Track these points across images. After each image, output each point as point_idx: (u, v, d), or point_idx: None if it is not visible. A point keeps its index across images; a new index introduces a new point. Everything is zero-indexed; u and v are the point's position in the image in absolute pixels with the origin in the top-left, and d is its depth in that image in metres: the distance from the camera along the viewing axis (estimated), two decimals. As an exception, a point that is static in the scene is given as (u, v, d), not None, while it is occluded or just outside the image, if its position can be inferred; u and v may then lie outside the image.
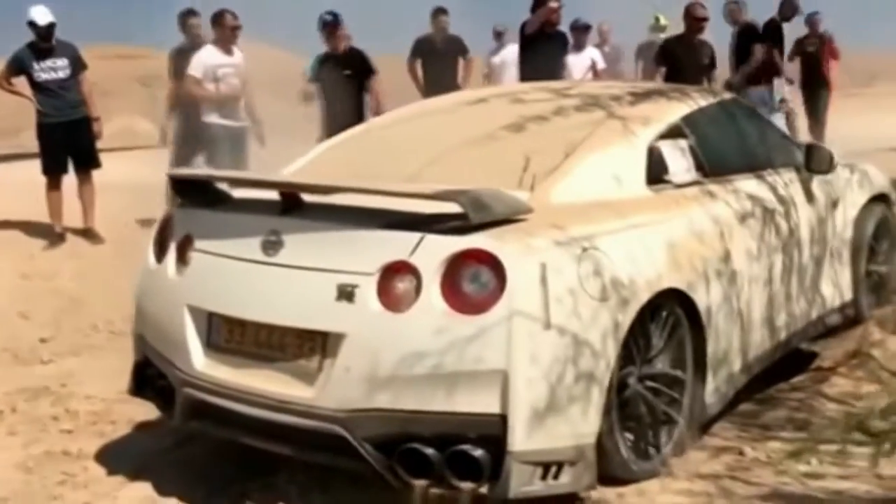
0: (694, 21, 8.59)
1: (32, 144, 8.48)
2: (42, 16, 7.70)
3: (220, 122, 7.97)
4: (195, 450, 4.13)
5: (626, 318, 3.37)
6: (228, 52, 8.09)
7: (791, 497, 3.47)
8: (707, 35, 8.88)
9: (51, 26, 7.73)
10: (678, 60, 8.50)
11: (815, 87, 11.39)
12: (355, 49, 8.80)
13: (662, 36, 10.77)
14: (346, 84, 8.31)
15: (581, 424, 3.26)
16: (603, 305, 3.29)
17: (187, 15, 8.40)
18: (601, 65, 10.35)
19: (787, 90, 10.53)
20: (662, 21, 11.04)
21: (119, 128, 8.55)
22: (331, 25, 8.44)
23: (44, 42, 7.74)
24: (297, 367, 3.33)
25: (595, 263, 3.31)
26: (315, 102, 8.83)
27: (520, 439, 3.11)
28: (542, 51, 8.38)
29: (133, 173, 8.21)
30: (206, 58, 8.02)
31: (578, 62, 9.85)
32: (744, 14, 10.07)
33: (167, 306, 3.74)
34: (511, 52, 11.33)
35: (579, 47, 10.06)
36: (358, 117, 8.09)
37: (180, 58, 8.44)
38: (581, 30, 10.27)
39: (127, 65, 8.59)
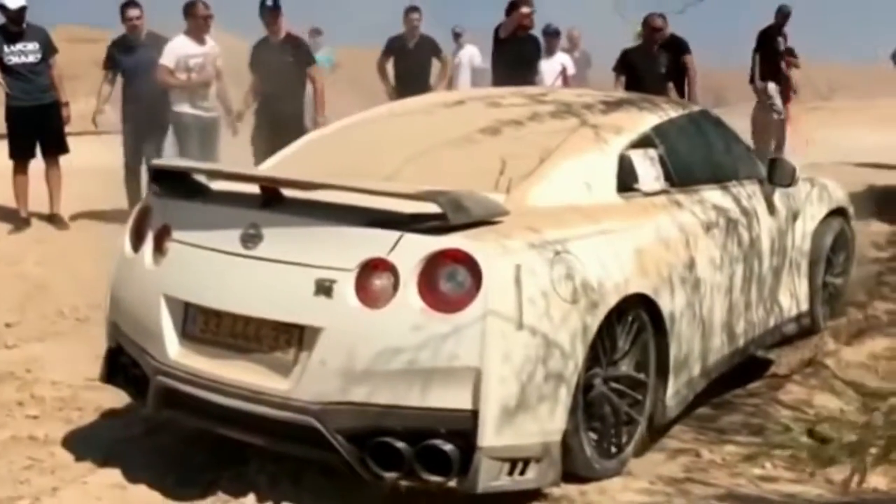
0: (652, 31, 8.77)
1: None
2: (13, 0, 7.64)
3: (190, 112, 7.96)
4: (165, 438, 4.15)
5: (595, 321, 3.47)
6: (201, 41, 8.07)
7: (745, 499, 3.59)
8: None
9: (22, 10, 7.67)
10: (637, 69, 8.68)
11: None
12: (294, 36, 8.51)
13: None
14: (286, 72, 8.03)
15: (548, 422, 3.36)
16: (573, 308, 3.38)
17: (125, 6, 8.21)
18: (571, 70, 10.46)
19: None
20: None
21: (84, 111, 8.47)
22: (272, 11, 8.15)
23: (14, 26, 7.69)
24: (273, 359, 3.39)
25: (567, 267, 3.41)
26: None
27: (490, 435, 3.19)
28: (515, 54, 8.46)
29: (97, 158, 8.16)
30: (178, 47, 8.01)
31: (549, 67, 9.96)
32: None
33: (143, 295, 3.77)
34: (467, 53, 11.46)
35: (550, 52, 10.17)
36: (297, 107, 8.06)
37: (114, 48, 8.35)
38: (552, 35, 10.37)
39: (92, 48, 8.53)
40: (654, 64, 8.73)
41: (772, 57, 11.30)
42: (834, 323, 5.55)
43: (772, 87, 11.15)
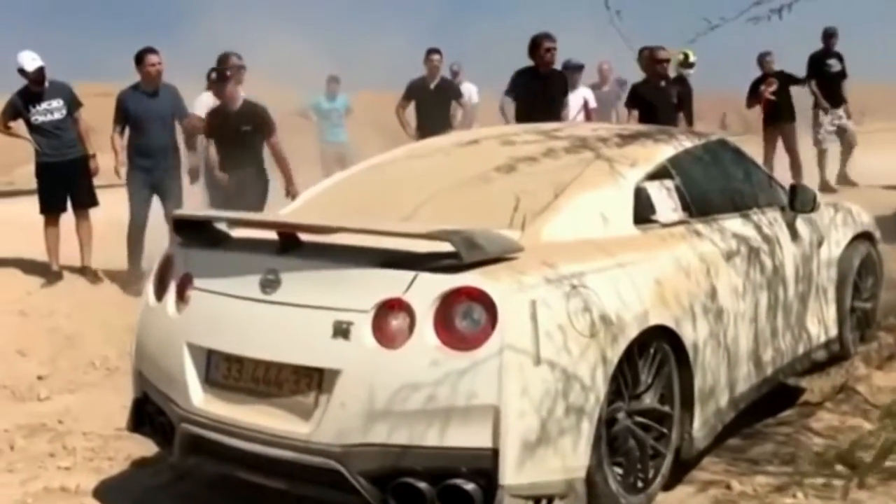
0: (654, 63, 8.80)
1: (25, 182, 8.55)
2: (30, 61, 7.75)
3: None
4: (192, 485, 4.19)
5: (615, 354, 3.46)
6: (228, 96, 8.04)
7: (776, 529, 3.55)
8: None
9: (40, 70, 7.78)
10: (647, 103, 8.70)
11: (784, 121, 11.46)
12: (252, 103, 7.89)
13: (691, 72, 10.89)
14: (240, 141, 7.64)
15: (571, 458, 3.34)
16: (592, 342, 3.38)
17: (146, 53, 8.01)
18: (593, 104, 10.46)
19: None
20: (692, 58, 10.95)
21: (108, 166, 8.56)
22: (222, 76, 7.85)
23: (37, 86, 7.83)
24: (294, 403, 3.41)
25: (584, 300, 3.40)
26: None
27: (511, 473, 3.18)
28: (538, 91, 8.38)
29: (126, 210, 8.27)
30: (208, 101, 8.13)
31: (571, 101, 9.98)
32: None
33: (166, 343, 3.81)
34: (466, 91, 11.46)
35: (572, 86, 10.17)
36: (260, 179, 7.71)
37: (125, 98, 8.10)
38: (573, 69, 10.41)
39: (109, 102, 8.69)
40: (663, 96, 8.77)
41: (825, 81, 11.39)
42: (864, 348, 5.49)
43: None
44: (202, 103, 8.22)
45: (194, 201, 8.07)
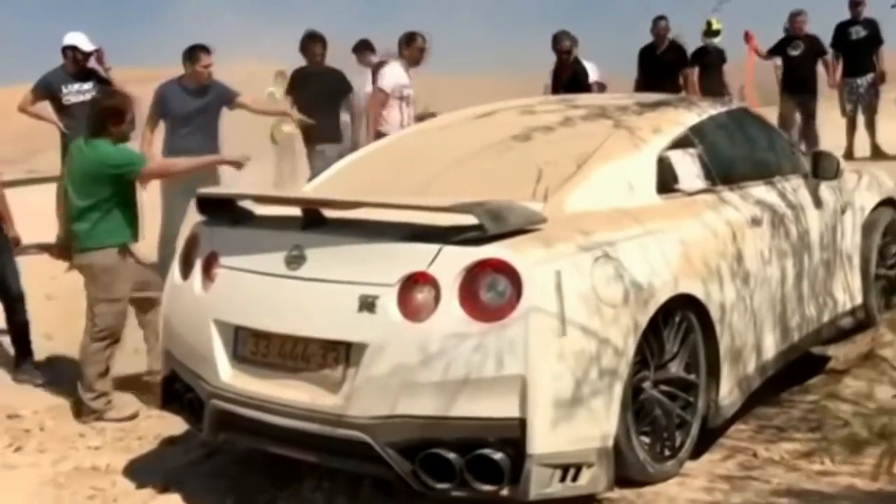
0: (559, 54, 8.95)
1: (44, 169, 8.55)
2: (86, 43, 7.81)
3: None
4: (222, 461, 4.24)
5: (640, 324, 3.46)
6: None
7: (803, 493, 3.55)
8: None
9: (91, 54, 7.85)
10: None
11: (801, 93, 10.68)
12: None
13: (717, 41, 10.76)
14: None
15: (598, 427, 3.35)
16: (617, 311, 3.38)
17: (199, 50, 7.48)
18: (594, 77, 9.81)
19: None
20: (715, 25, 10.78)
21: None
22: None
23: (76, 67, 7.86)
24: (322, 377, 3.43)
25: (609, 270, 3.40)
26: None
27: (539, 442, 3.20)
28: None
29: (151, 193, 8.28)
30: (398, 75, 7.99)
31: None
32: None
33: (194, 321, 3.85)
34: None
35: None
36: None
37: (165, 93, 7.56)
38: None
39: (142, 88, 8.61)
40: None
41: (848, 50, 11.04)
42: (889, 315, 5.45)
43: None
44: (393, 73, 7.93)
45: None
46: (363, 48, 10.09)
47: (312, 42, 8.34)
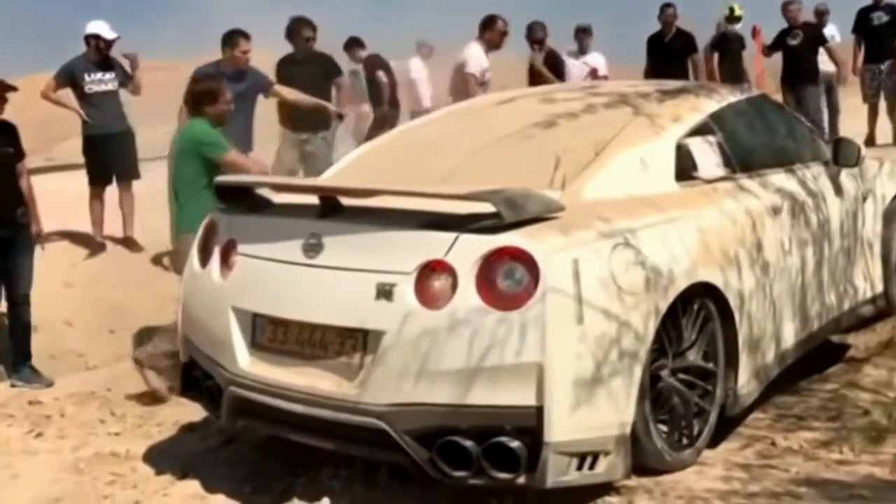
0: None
1: (64, 157, 8.57)
2: (109, 31, 7.82)
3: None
4: (240, 448, 4.25)
5: (658, 312, 3.45)
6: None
7: (822, 483, 3.53)
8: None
9: (114, 41, 7.87)
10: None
11: (801, 83, 10.28)
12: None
13: (738, 27, 10.63)
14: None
15: (615, 415, 3.34)
16: (635, 299, 3.36)
17: (238, 35, 7.42)
18: (603, 71, 9.81)
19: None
20: (737, 11, 10.65)
21: (153, 137, 8.59)
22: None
23: (99, 55, 7.88)
24: (340, 364, 3.44)
25: (627, 258, 3.39)
26: None
27: (556, 430, 3.19)
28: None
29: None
30: (482, 58, 7.92)
31: (576, 69, 9.54)
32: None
33: (212, 309, 3.86)
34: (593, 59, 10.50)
35: (582, 51, 9.80)
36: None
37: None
38: (583, 32, 9.91)
39: (158, 77, 8.57)
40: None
41: (870, 35, 10.93)
42: (911, 303, 5.41)
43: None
44: (478, 57, 7.84)
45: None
46: (353, 45, 10.10)
47: (300, 26, 8.09)
